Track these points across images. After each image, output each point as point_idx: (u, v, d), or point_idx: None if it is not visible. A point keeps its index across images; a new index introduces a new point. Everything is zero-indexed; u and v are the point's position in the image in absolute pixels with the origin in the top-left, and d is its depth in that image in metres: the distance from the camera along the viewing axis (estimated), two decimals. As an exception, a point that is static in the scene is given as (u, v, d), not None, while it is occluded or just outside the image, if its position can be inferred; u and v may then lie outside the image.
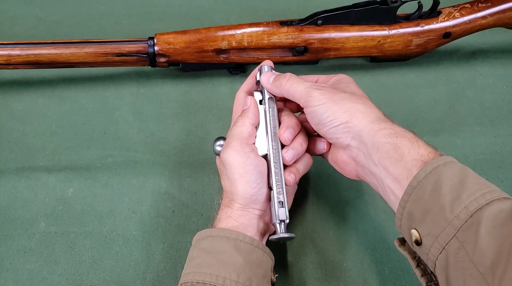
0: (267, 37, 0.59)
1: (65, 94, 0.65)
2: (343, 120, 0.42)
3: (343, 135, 0.43)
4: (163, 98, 0.64)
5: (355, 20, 0.60)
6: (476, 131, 0.60)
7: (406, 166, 0.38)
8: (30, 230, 0.52)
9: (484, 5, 0.60)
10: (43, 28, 0.73)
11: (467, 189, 0.34)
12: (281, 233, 0.45)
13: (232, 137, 0.46)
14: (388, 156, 0.39)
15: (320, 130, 0.45)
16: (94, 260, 0.50)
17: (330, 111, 0.43)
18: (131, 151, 0.58)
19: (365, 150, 0.41)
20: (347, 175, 0.46)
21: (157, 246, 0.51)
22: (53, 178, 0.56)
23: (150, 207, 0.54)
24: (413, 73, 0.66)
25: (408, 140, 0.39)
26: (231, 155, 0.44)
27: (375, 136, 0.40)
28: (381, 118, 0.42)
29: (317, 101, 0.43)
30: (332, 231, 0.52)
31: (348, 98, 0.43)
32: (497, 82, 0.65)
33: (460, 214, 0.33)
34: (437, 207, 0.34)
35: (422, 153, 0.38)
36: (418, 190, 0.36)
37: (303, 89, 0.45)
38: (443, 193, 0.35)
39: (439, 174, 0.36)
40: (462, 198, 0.34)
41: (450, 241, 0.33)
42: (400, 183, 0.38)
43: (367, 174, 0.42)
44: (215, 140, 0.48)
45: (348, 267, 0.49)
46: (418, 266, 0.39)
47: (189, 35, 0.60)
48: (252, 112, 0.48)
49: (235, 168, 0.44)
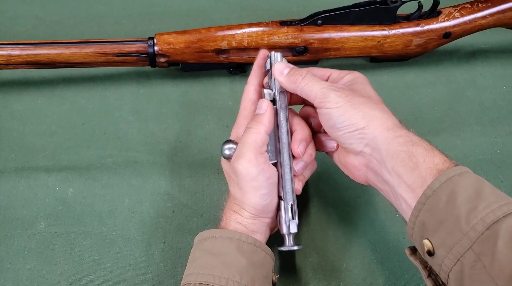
0: (267, 37, 0.59)
1: (65, 94, 0.65)
2: (360, 126, 0.41)
3: (357, 141, 0.41)
4: (163, 98, 0.64)
5: (355, 20, 0.60)
6: (476, 131, 0.60)
7: (420, 174, 0.37)
8: (30, 230, 0.52)
9: (484, 5, 0.60)
10: (43, 28, 0.73)
11: (484, 200, 0.33)
12: (291, 245, 0.45)
13: (246, 146, 0.43)
14: (402, 164, 0.38)
15: (333, 133, 0.43)
16: (94, 260, 0.50)
17: (346, 115, 0.41)
18: (131, 151, 0.58)
19: (379, 157, 0.40)
20: (355, 178, 0.45)
21: (157, 246, 0.51)
22: (53, 178, 0.56)
23: (150, 207, 0.54)
24: (413, 73, 0.66)
25: (423, 148, 0.39)
26: (245, 166, 0.42)
27: (390, 143, 0.39)
28: (397, 125, 0.41)
29: (333, 103, 0.41)
30: (332, 231, 0.52)
31: (365, 103, 0.42)
32: (497, 82, 0.65)
33: (477, 225, 0.32)
34: (452, 217, 0.34)
35: (437, 162, 0.37)
36: (432, 199, 0.35)
37: (319, 89, 0.43)
38: (458, 203, 0.34)
39: (454, 184, 0.35)
40: (478, 209, 0.33)
41: (466, 253, 0.33)
42: (414, 192, 0.37)
43: (379, 181, 0.41)
44: (224, 143, 0.45)
45: (348, 267, 0.49)
46: (429, 277, 0.38)
47: (189, 35, 0.60)
48: (268, 119, 0.45)
49: (249, 181, 0.43)
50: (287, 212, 0.44)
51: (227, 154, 0.45)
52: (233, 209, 0.44)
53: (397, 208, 0.40)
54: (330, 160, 0.48)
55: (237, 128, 0.48)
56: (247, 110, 0.48)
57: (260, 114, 0.45)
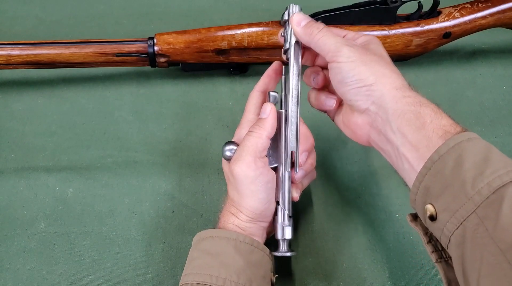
0: (267, 37, 0.59)
1: (65, 94, 0.65)
2: (368, 82, 0.40)
3: (364, 97, 0.41)
4: (163, 98, 0.64)
5: (355, 20, 0.60)
6: (476, 131, 0.58)
7: (426, 134, 0.37)
8: (29, 230, 0.52)
9: (484, 5, 0.60)
10: (43, 28, 0.73)
11: (491, 166, 0.33)
12: (284, 251, 0.45)
13: (246, 150, 0.43)
14: (409, 123, 0.38)
15: (340, 88, 0.42)
16: (94, 260, 0.50)
17: (356, 70, 0.41)
18: (131, 151, 0.58)
19: (384, 116, 0.40)
20: (357, 139, 0.44)
21: (157, 246, 0.51)
22: (53, 178, 0.56)
23: (150, 207, 0.54)
24: (413, 73, 0.66)
25: (431, 110, 0.38)
26: (243, 170, 0.43)
27: (397, 102, 0.39)
28: (406, 86, 0.40)
29: (345, 57, 0.41)
30: (332, 231, 0.52)
31: (377, 61, 0.41)
32: (497, 82, 0.65)
33: (482, 190, 0.32)
34: (457, 182, 0.33)
35: (444, 123, 0.37)
36: (439, 164, 0.35)
37: (333, 43, 0.42)
38: (465, 168, 0.33)
39: (462, 149, 0.35)
40: (485, 174, 0.33)
41: (469, 216, 0.32)
42: (418, 151, 0.37)
43: (382, 141, 0.41)
44: (225, 144, 0.46)
45: (348, 267, 0.49)
46: (429, 242, 0.38)
47: (189, 35, 0.60)
48: (271, 124, 0.44)
49: (247, 184, 0.43)
50: (283, 218, 0.45)
51: (227, 155, 0.45)
52: (230, 212, 0.44)
53: (398, 169, 0.40)
54: (330, 161, 0.48)
55: (240, 130, 0.48)
56: (251, 113, 0.48)
57: (263, 119, 0.45)
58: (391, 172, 0.55)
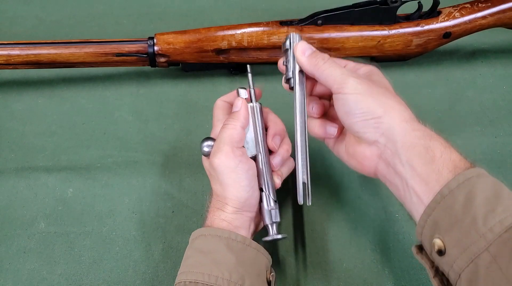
0: (267, 37, 0.59)
1: (65, 94, 0.65)
2: (377, 115, 0.40)
3: (372, 130, 0.41)
4: (163, 98, 0.64)
5: (355, 20, 0.60)
6: (476, 131, 0.60)
7: (437, 168, 0.37)
8: (29, 230, 0.52)
9: (484, 5, 0.60)
10: (43, 28, 0.73)
11: (502, 203, 0.33)
12: (274, 234, 0.45)
13: (222, 141, 0.45)
14: (419, 156, 0.38)
15: (347, 120, 0.42)
16: (94, 260, 0.50)
17: (364, 103, 0.41)
18: (131, 151, 0.58)
19: (393, 148, 0.40)
20: (363, 170, 0.44)
21: (156, 246, 0.51)
22: (52, 178, 0.56)
23: (150, 207, 0.54)
24: (413, 73, 0.66)
25: (440, 144, 0.38)
26: (223, 160, 0.44)
27: (407, 135, 0.39)
28: (414, 119, 0.41)
29: (353, 89, 0.41)
30: (332, 231, 0.52)
31: (383, 93, 0.42)
32: (497, 82, 0.65)
33: (494, 227, 0.32)
34: (468, 218, 0.34)
35: (454, 158, 0.37)
36: (449, 199, 0.35)
37: (339, 74, 0.42)
38: (476, 204, 0.34)
39: (473, 185, 0.35)
40: (497, 211, 0.33)
41: (482, 254, 0.32)
42: (428, 185, 0.37)
43: (390, 173, 0.41)
44: (203, 140, 0.47)
45: (348, 267, 0.49)
46: (436, 276, 0.37)
47: (189, 35, 0.60)
48: (243, 115, 0.47)
49: (228, 173, 0.44)
50: (269, 202, 0.45)
51: (206, 151, 0.47)
52: (216, 206, 0.45)
53: (404, 202, 0.40)
54: (330, 161, 0.48)
55: (214, 130, 0.49)
56: (219, 118, 0.49)
57: (236, 111, 0.47)
58: (391, 172, 0.55)
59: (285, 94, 0.63)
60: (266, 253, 0.44)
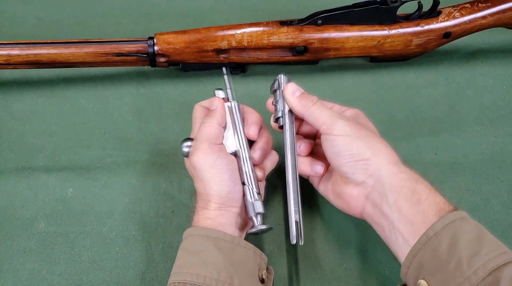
0: (267, 37, 0.59)
1: (64, 94, 0.64)
2: (365, 156, 0.42)
3: (360, 171, 0.42)
4: (163, 98, 0.64)
5: (355, 20, 0.60)
6: (476, 131, 0.60)
7: (422, 210, 0.38)
8: (29, 230, 0.52)
9: (484, 5, 0.60)
10: (43, 28, 0.73)
11: (485, 246, 0.35)
12: (259, 225, 0.46)
13: (200, 139, 0.46)
14: (405, 198, 0.39)
15: (336, 161, 0.44)
16: (94, 260, 0.50)
17: (353, 144, 0.42)
18: (131, 151, 0.58)
19: (381, 190, 0.41)
20: (349, 210, 0.45)
21: (156, 246, 0.51)
22: (52, 178, 0.56)
23: (149, 207, 0.54)
24: (413, 73, 0.66)
25: (426, 187, 0.40)
26: (200, 157, 0.44)
27: (394, 177, 0.41)
28: (400, 162, 0.43)
29: (342, 131, 0.43)
30: (332, 231, 0.52)
31: (371, 136, 0.44)
32: (497, 82, 0.65)
33: (478, 270, 0.34)
34: (453, 260, 0.35)
35: (438, 201, 0.39)
36: (434, 240, 0.37)
37: (328, 116, 0.44)
38: (461, 247, 0.35)
39: (457, 227, 0.36)
40: (480, 254, 0.34)
41: None
42: (414, 227, 0.38)
43: (376, 214, 0.42)
44: (182, 141, 0.48)
45: (348, 267, 0.49)
46: None
47: (189, 35, 0.60)
48: (220, 113, 0.48)
49: (207, 169, 0.44)
50: (252, 195, 0.46)
51: (185, 151, 0.47)
52: (201, 206, 0.45)
53: (390, 243, 0.41)
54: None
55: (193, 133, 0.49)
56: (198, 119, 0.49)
57: (212, 110, 0.48)
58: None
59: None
60: (258, 251, 0.44)
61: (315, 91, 0.48)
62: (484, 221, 0.51)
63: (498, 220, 0.52)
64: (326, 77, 0.66)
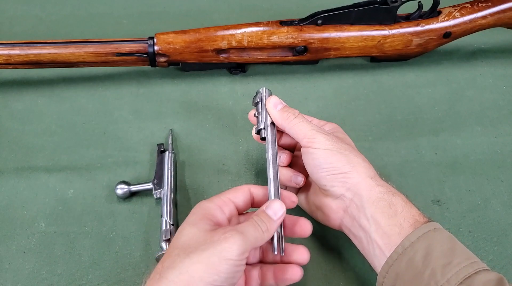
0: (267, 37, 0.59)
1: (64, 94, 0.64)
2: (344, 170, 0.43)
3: (339, 184, 0.43)
4: (163, 98, 0.64)
5: (355, 20, 0.60)
6: (476, 131, 0.60)
7: (398, 222, 0.40)
8: (29, 230, 0.52)
9: (484, 5, 0.60)
10: (43, 28, 0.73)
11: (457, 256, 0.37)
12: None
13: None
14: (382, 211, 0.41)
15: (316, 173, 0.44)
16: (94, 260, 0.50)
17: (333, 158, 0.43)
18: (131, 151, 0.58)
19: (359, 203, 0.42)
20: (328, 222, 0.46)
21: (156, 246, 0.51)
22: (53, 178, 0.56)
23: (149, 207, 0.53)
24: (413, 73, 0.66)
25: (401, 199, 0.41)
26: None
27: (372, 190, 0.42)
28: (377, 176, 0.44)
29: (322, 145, 0.44)
30: (332, 231, 0.51)
31: (350, 150, 0.44)
32: (497, 82, 0.65)
33: (451, 279, 0.35)
34: (428, 270, 0.36)
35: (414, 213, 0.41)
36: (409, 251, 0.38)
37: (309, 130, 0.45)
38: (435, 257, 0.37)
39: (431, 238, 0.38)
40: (453, 264, 0.36)
41: None
42: (390, 238, 0.39)
43: (354, 226, 0.43)
44: (117, 184, 0.52)
45: (348, 267, 0.49)
46: None
47: (189, 34, 0.60)
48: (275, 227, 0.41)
49: None
50: (166, 233, 0.48)
51: (119, 193, 0.52)
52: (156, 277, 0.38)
53: (367, 255, 0.42)
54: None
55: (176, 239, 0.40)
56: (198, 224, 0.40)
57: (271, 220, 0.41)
58: (391, 172, 0.55)
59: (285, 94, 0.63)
60: None
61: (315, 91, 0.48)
62: (484, 221, 0.52)
63: (498, 220, 0.52)
64: (326, 77, 0.66)
